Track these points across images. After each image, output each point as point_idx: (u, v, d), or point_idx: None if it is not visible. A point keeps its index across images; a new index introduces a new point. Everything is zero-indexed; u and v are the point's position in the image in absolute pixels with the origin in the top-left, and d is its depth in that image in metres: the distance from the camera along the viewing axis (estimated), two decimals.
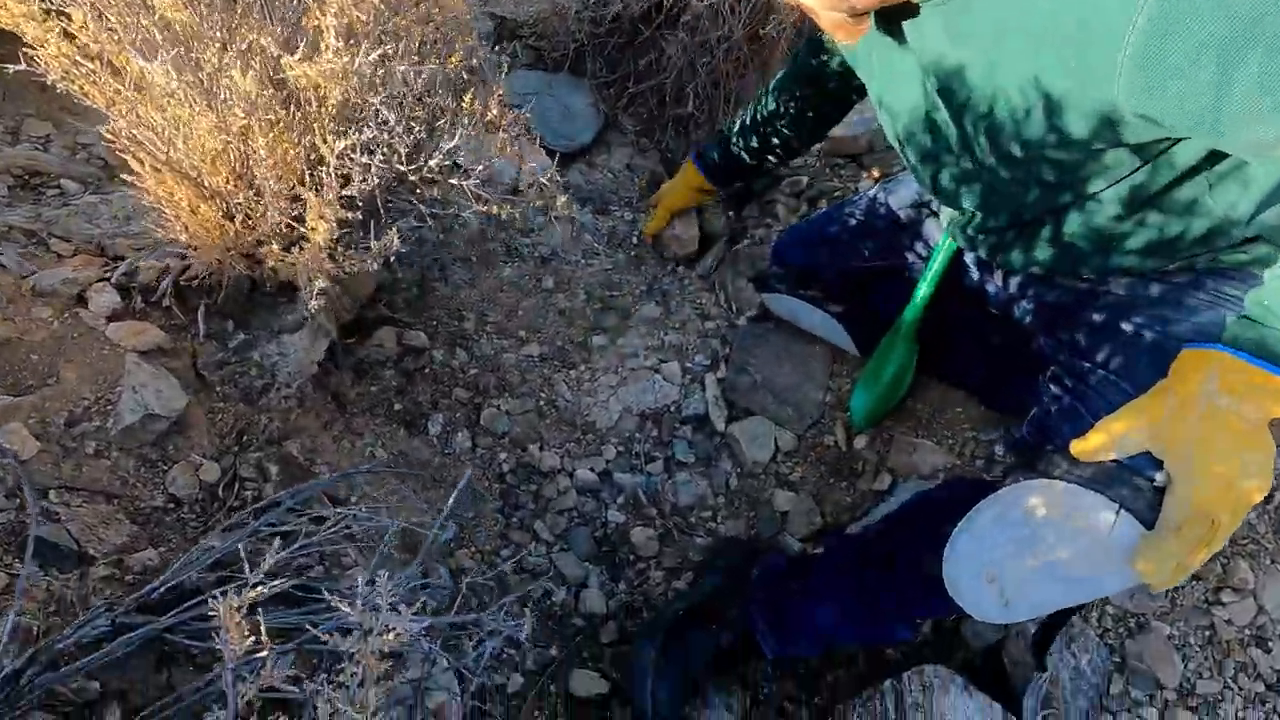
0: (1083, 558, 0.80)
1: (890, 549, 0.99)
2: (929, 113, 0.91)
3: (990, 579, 0.87)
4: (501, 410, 1.39)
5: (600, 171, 1.91)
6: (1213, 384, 0.72)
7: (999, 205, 0.93)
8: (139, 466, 0.93)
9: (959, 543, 0.88)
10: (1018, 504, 0.84)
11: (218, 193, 0.86)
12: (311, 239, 0.80)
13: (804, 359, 1.43)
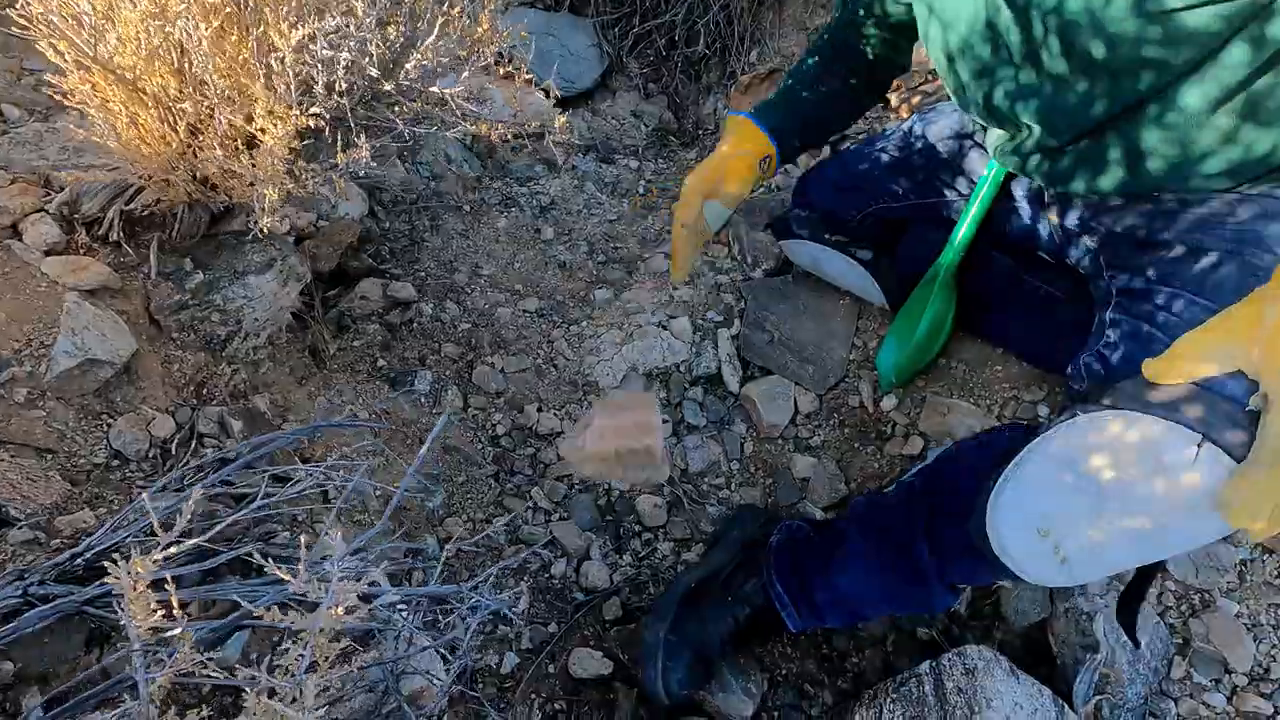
0: (1157, 502, 0.67)
1: (927, 505, 0.87)
2: (989, 19, 0.79)
3: (1043, 533, 0.74)
4: (496, 368, 1.27)
5: (604, 118, 1.78)
6: None
7: (1064, 121, 0.80)
8: (79, 418, 0.81)
9: (1004, 491, 0.76)
10: (1074, 442, 0.71)
11: (158, 99, 0.74)
12: (263, 142, 0.68)
13: (826, 313, 1.31)
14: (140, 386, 0.88)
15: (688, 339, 1.33)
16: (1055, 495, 0.72)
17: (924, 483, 0.90)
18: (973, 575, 0.89)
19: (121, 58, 0.72)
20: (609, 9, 1.79)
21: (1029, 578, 0.77)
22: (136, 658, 0.43)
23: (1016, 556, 0.76)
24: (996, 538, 0.76)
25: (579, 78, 1.75)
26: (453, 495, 1.13)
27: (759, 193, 1.52)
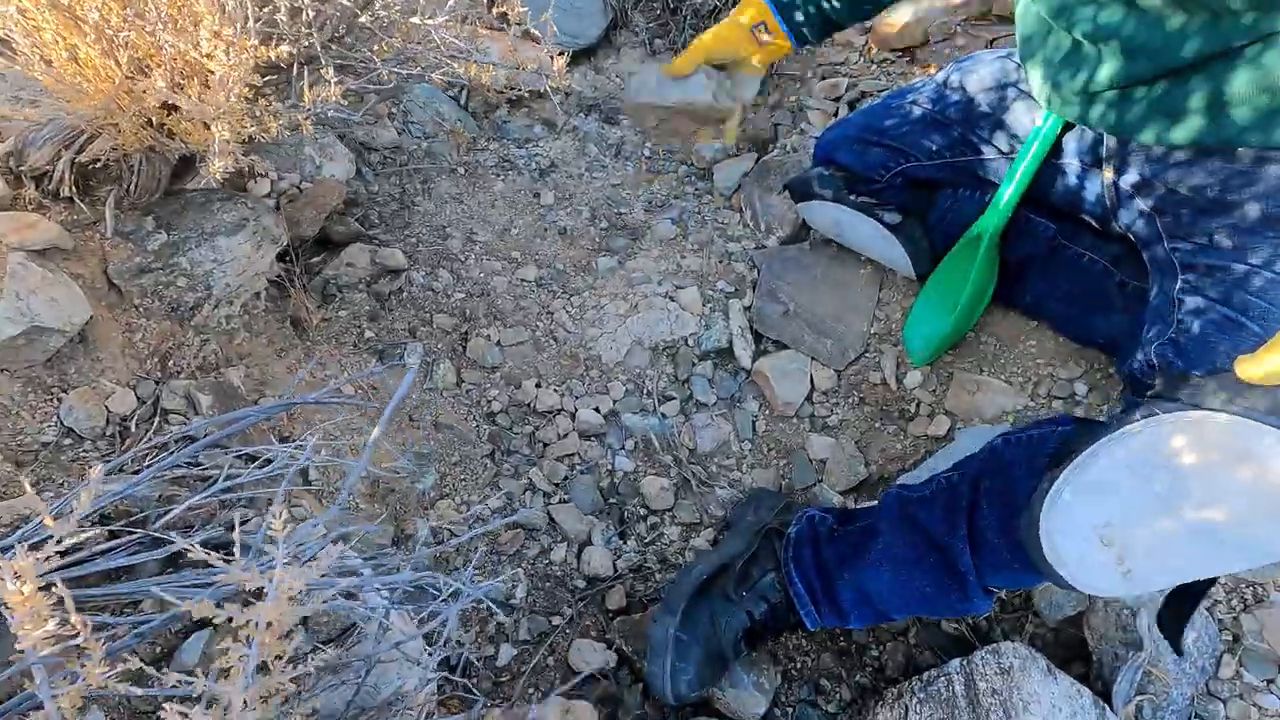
0: (1249, 513, 0.61)
1: (969, 503, 0.79)
2: None
3: (1106, 542, 0.67)
4: (492, 341, 1.19)
5: (608, 76, 1.67)
6: None
7: (1148, 61, 0.71)
8: (26, 391, 0.73)
9: (1063, 494, 0.68)
10: (1154, 445, 0.64)
11: (98, 28, 0.64)
12: (212, 69, 0.59)
13: (846, 283, 1.22)
14: (97, 358, 0.80)
15: (696, 310, 1.24)
16: (1125, 500, 0.65)
17: (965, 479, 0.82)
18: (1016, 581, 0.83)
19: None
20: None
21: (1082, 587, 0.70)
22: (38, 674, 0.36)
23: (1072, 565, 0.68)
24: (1051, 545, 0.68)
25: (581, 33, 1.64)
26: (445, 476, 1.05)
27: (774, 154, 1.42)
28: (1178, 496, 0.63)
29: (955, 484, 0.82)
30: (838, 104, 1.44)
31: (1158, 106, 0.72)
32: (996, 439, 0.84)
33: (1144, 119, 0.74)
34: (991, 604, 0.83)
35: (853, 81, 1.45)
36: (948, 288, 1.04)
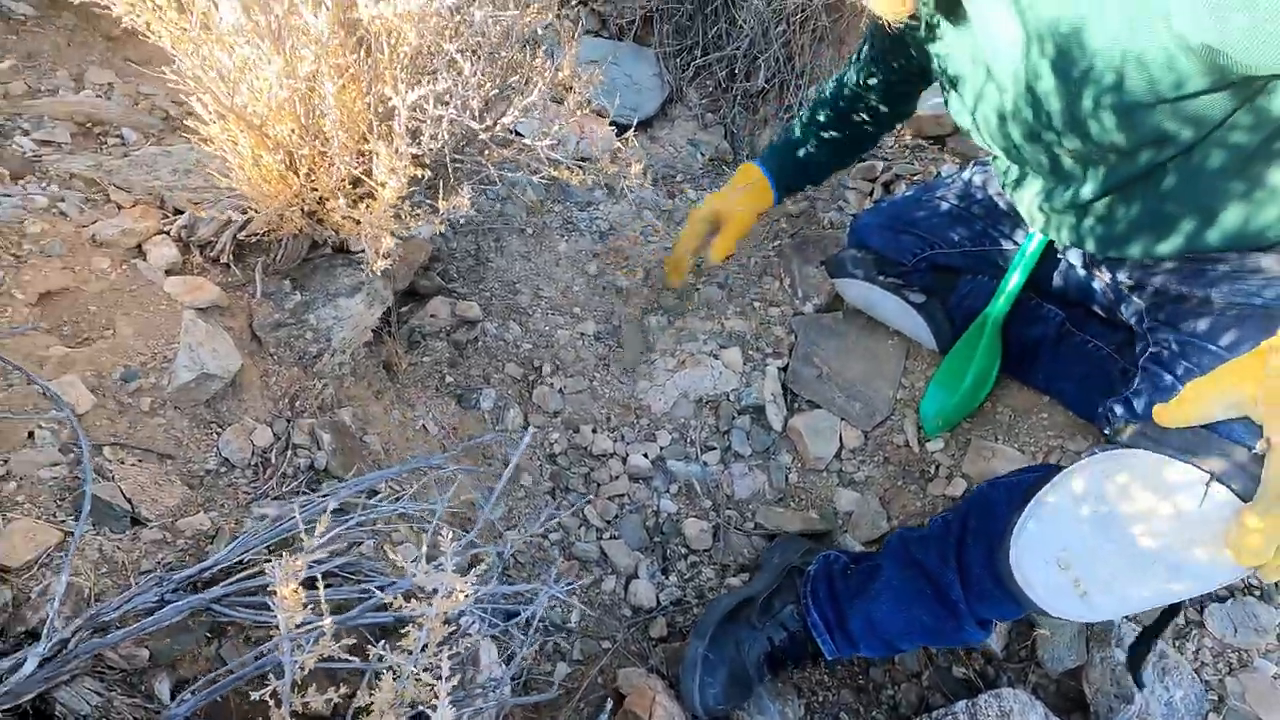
0: (1169, 540, 0.71)
1: (957, 539, 0.91)
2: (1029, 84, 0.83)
3: (1063, 565, 0.78)
4: (554, 389, 1.34)
5: (663, 145, 1.84)
6: None
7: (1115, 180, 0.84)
8: (192, 427, 0.90)
9: (1027, 526, 0.80)
10: (1091, 479, 0.76)
11: (281, 143, 0.82)
12: (379, 195, 0.75)
13: (875, 351, 1.35)
14: (242, 398, 0.97)
15: (738, 369, 1.38)
16: (1074, 529, 0.76)
17: (956, 518, 0.94)
18: (1001, 609, 0.92)
19: (253, 107, 0.80)
20: (672, 40, 1.85)
21: (1051, 611, 0.81)
22: (285, 643, 0.50)
23: (1038, 589, 0.79)
24: (1020, 570, 0.80)
25: (640, 106, 1.81)
26: (512, 510, 1.19)
27: (813, 229, 1.57)
28: (1114, 525, 0.73)
29: (948, 523, 0.94)
30: (873, 184, 1.58)
31: (1141, 225, 0.85)
32: (984, 484, 0.96)
33: (1128, 237, 0.87)
34: (988, 635, 0.94)
35: (888, 165, 1.59)
36: (958, 366, 1.16)
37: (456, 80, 0.78)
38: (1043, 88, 0.80)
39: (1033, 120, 0.84)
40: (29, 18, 1.28)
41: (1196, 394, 0.70)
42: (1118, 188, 0.85)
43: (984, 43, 0.83)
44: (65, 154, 1.11)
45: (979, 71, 0.87)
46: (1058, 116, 0.81)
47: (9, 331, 0.80)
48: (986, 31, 0.82)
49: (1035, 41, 0.78)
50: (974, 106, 0.90)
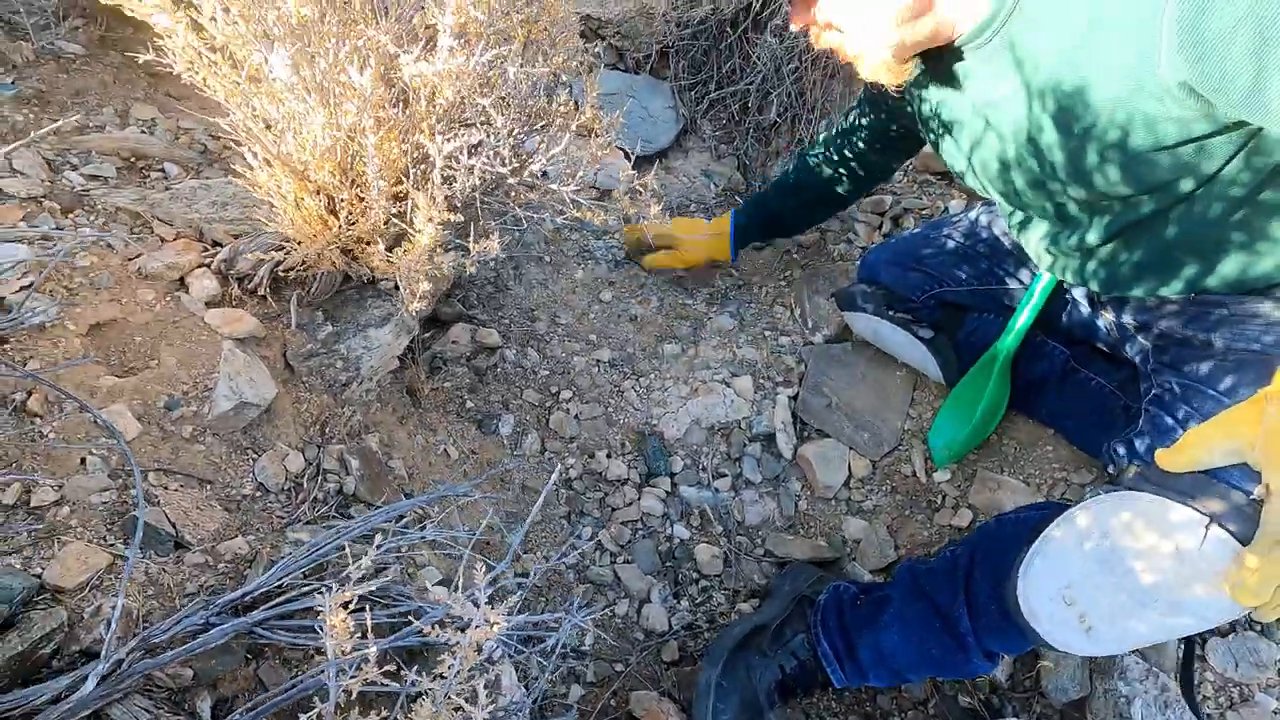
0: (1169, 578, 0.74)
1: (965, 572, 0.94)
2: (1031, 135, 0.87)
3: (1069, 601, 0.81)
4: (571, 415, 1.38)
5: (677, 176, 1.89)
6: None
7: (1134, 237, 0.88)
8: (230, 453, 0.94)
9: (1034, 562, 0.83)
10: (1096, 518, 0.79)
11: (323, 188, 0.87)
12: (416, 241, 0.80)
13: (883, 382, 1.38)
14: (276, 425, 1.01)
15: (749, 397, 1.42)
16: (1079, 565, 0.79)
17: (965, 552, 0.97)
18: (1007, 642, 0.95)
19: (298, 154, 0.85)
20: (687, 74, 1.91)
21: (1056, 644, 0.84)
22: (330, 668, 0.54)
23: (1044, 623, 0.82)
24: (1026, 604, 0.83)
25: (655, 138, 1.86)
26: (529, 533, 1.23)
27: (823, 260, 1.61)
28: (1117, 562, 0.77)
29: (957, 556, 0.96)
30: (882, 218, 1.62)
31: (1144, 268, 0.89)
32: (992, 519, 0.98)
33: (1132, 279, 0.90)
34: (994, 667, 0.96)
35: (897, 199, 1.63)
36: (967, 400, 1.20)
37: (489, 131, 0.83)
38: (1046, 140, 0.84)
39: (1037, 170, 0.88)
40: (78, 56, 1.35)
41: (1197, 440, 0.73)
42: (1121, 233, 0.88)
43: (981, 93, 0.87)
44: (111, 188, 1.17)
45: (977, 120, 0.91)
46: (1061, 168, 0.85)
47: (65, 364, 0.85)
48: (984, 84, 0.86)
49: (1037, 97, 0.82)
50: (970, 153, 0.94)
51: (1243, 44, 0.62)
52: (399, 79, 0.83)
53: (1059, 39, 0.76)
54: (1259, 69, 0.62)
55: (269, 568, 0.77)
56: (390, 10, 0.87)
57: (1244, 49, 0.62)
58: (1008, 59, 0.81)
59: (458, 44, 0.78)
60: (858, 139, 1.23)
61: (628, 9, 1.90)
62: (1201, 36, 0.64)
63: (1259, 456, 0.69)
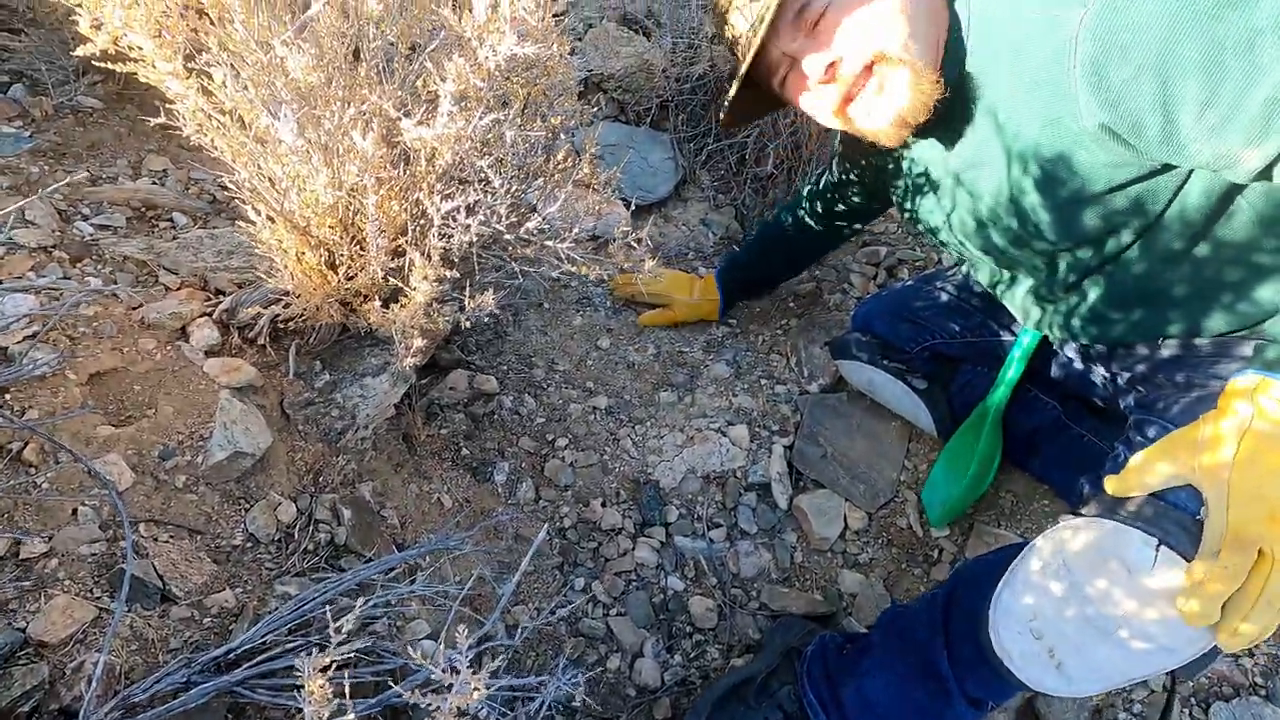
0: (1126, 603, 0.72)
1: (943, 613, 0.92)
2: (1013, 196, 0.89)
3: (1036, 634, 0.79)
4: (566, 463, 1.38)
5: (675, 225, 1.92)
6: (1250, 410, 0.68)
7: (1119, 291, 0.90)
8: (222, 503, 0.94)
9: (1001, 598, 0.82)
10: (1054, 548, 0.78)
11: (324, 243, 0.89)
12: (412, 298, 0.81)
13: (878, 433, 1.38)
14: (270, 474, 1.01)
15: (745, 446, 1.42)
16: (1041, 596, 0.78)
17: (943, 593, 0.96)
18: (987, 686, 0.92)
19: (301, 211, 0.87)
20: (686, 127, 1.96)
21: (1030, 683, 0.81)
22: None
23: (1015, 659, 0.81)
24: (998, 640, 0.81)
25: (655, 188, 1.90)
26: (521, 584, 1.22)
27: (818, 310, 1.62)
28: (1075, 589, 0.75)
29: (935, 598, 0.95)
30: (877, 268, 1.64)
31: (1124, 310, 0.90)
32: (970, 560, 0.97)
33: (1113, 322, 0.91)
34: (979, 716, 0.94)
35: (891, 249, 1.65)
36: (961, 456, 1.20)
37: (486, 190, 0.86)
38: (1029, 202, 0.86)
39: (1018, 228, 0.90)
40: (95, 110, 1.40)
41: (1141, 465, 0.74)
42: (1097, 279, 0.91)
43: (959, 154, 0.90)
44: (120, 237, 1.19)
45: (950, 179, 0.94)
46: (1048, 228, 0.87)
47: (64, 414, 0.86)
48: (962, 145, 0.89)
49: (1018, 161, 0.84)
50: (950, 210, 0.96)
51: (1147, 91, 0.66)
52: (400, 140, 0.86)
53: (1012, 101, 0.79)
54: (1166, 115, 0.66)
55: (254, 623, 0.76)
56: (395, 73, 0.90)
57: (1149, 96, 0.66)
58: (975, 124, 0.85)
59: (457, 109, 0.80)
60: (835, 195, 1.26)
61: (629, 64, 1.96)
62: (1109, 83, 0.68)
63: (1198, 476, 0.70)
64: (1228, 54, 0.63)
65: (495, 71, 0.83)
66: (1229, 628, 0.68)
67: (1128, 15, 0.66)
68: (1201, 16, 0.63)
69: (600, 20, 2.11)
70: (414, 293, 0.80)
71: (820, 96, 0.88)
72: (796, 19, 0.85)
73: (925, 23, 0.83)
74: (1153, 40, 0.65)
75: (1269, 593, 0.65)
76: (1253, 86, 0.63)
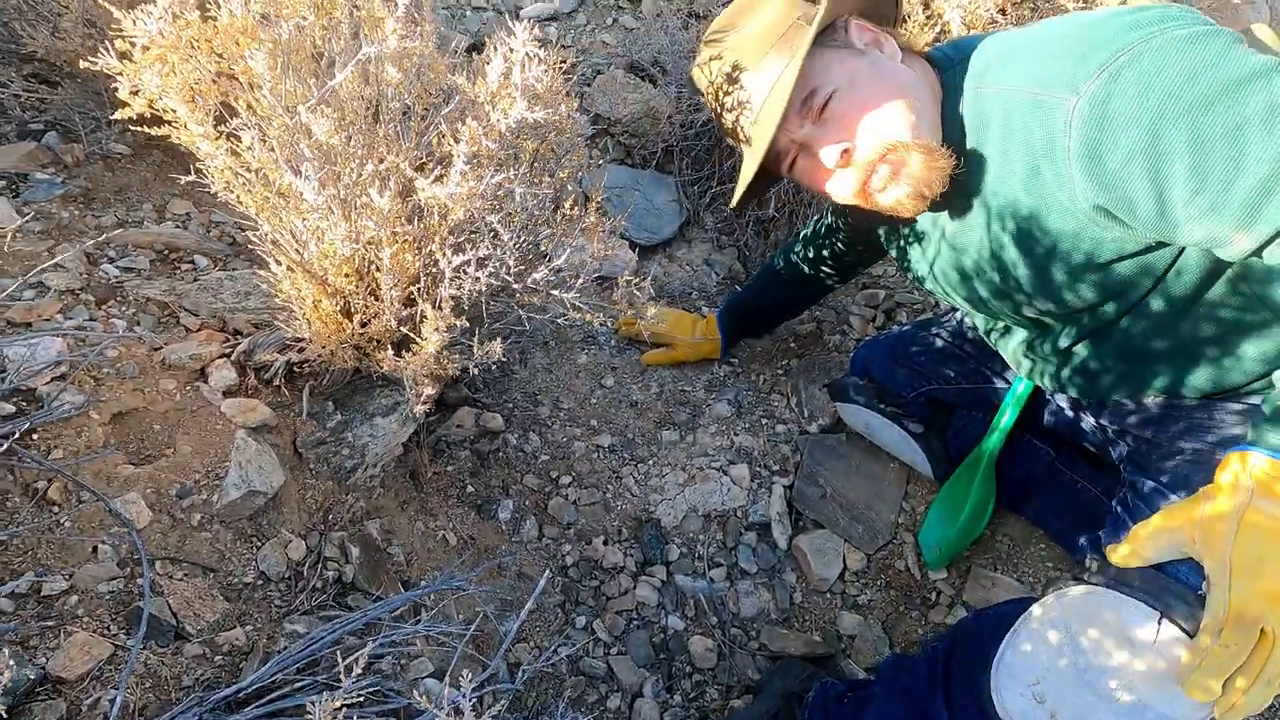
0: (1128, 674, 0.74)
1: (944, 668, 0.93)
2: (994, 251, 0.93)
3: (1039, 698, 0.80)
4: (569, 500, 1.40)
5: (679, 265, 1.97)
6: (1251, 486, 0.70)
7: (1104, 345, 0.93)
8: (235, 541, 0.97)
9: (1005, 658, 0.83)
10: (1060, 614, 0.80)
11: (340, 292, 0.93)
12: (423, 347, 0.85)
13: (877, 475, 1.40)
14: (282, 512, 1.04)
15: (746, 485, 1.44)
16: (1045, 661, 0.80)
17: (944, 647, 0.97)
18: None
19: (319, 262, 0.92)
20: (690, 170, 2.01)
21: None
22: None
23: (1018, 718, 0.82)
24: (1000, 700, 0.83)
25: (659, 229, 1.95)
26: (524, 622, 1.23)
27: (818, 352, 1.66)
28: (1079, 659, 0.77)
29: (937, 651, 0.96)
30: (876, 311, 1.68)
31: (1115, 372, 0.93)
32: (971, 614, 0.99)
33: (1105, 382, 0.94)
34: None
35: (890, 292, 1.69)
36: (955, 499, 1.22)
37: (495, 244, 0.90)
38: (1008, 257, 0.90)
39: (999, 283, 0.93)
40: (124, 156, 1.46)
41: (1143, 535, 0.76)
42: (1090, 338, 0.93)
43: (948, 219, 0.94)
44: (144, 280, 1.24)
45: (937, 231, 0.97)
46: (1025, 282, 0.90)
47: (87, 455, 0.90)
48: (953, 211, 0.93)
49: (996, 219, 0.88)
50: (933, 261, 1.00)
51: (1139, 175, 0.69)
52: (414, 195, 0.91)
53: (1007, 183, 0.83)
54: (1159, 197, 0.69)
55: (264, 662, 0.79)
56: (411, 132, 0.95)
57: (1142, 180, 0.69)
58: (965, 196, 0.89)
59: (469, 168, 0.85)
60: (829, 240, 1.30)
61: (635, 110, 2.03)
62: (1103, 168, 0.71)
63: (1200, 550, 0.71)
64: (1216, 143, 0.66)
65: (506, 133, 0.88)
66: (1227, 702, 0.70)
67: (1120, 104, 0.69)
68: (1191, 107, 0.66)
69: (608, 67, 2.19)
70: (425, 343, 0.84)
71: (839, 180, 0.91)
72: (803, 107, 0.88)
73: (927, 103, 0.87)
74: (1144, 128, 0.68)
75: (1269, 672, 0.67)
76: (1240, 174, 0.66)
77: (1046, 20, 0.87)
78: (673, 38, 2.08)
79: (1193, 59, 0.68)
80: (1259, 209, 0.67)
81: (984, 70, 0.85)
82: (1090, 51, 0.72)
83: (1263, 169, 0.66)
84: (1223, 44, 0.69)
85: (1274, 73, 0.67)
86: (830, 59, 0.89)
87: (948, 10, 1.56)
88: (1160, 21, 0.72)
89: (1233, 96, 0.66)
